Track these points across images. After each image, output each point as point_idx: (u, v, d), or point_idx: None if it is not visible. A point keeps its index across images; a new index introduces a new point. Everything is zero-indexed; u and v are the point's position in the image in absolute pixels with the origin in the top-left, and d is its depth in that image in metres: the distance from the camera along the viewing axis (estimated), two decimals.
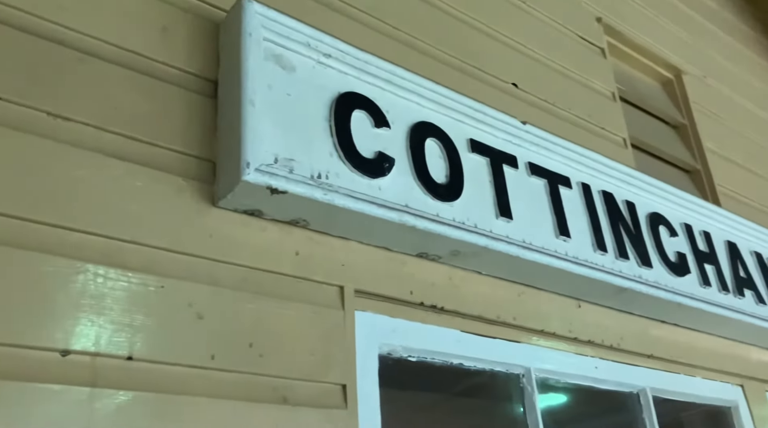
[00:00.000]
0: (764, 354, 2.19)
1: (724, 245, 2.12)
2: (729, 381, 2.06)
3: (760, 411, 2.08)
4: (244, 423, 1.02)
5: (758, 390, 2.12)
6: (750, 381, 2.11)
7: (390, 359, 1.33)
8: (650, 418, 1.78)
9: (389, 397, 3.69)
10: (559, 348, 1.64)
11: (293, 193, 1.14)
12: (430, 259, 1.43)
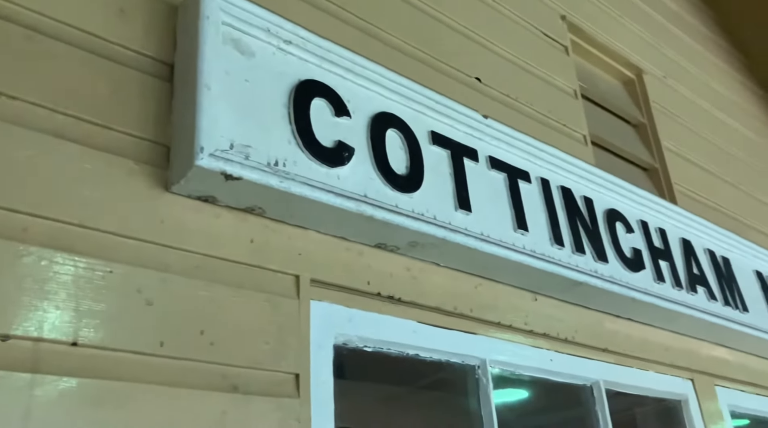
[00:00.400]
0: (714, 349, 2.25)
1: (679, 242, 2.17)
2: (680, 375, 2.10)
3: (708, 404, 2.14)
4: (192, 411, 1.00)
5: (707, 385, 2.18)
6: (700, 376, 2.16)
7: (345, 349, 1.33)
8: (603, 411, 1.81)
9: (346, 389, 3.68)
10: (514, 340, 1.66)
11: (248, 179, 1.13)
12: (388, 250, 1.43)
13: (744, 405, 2.30)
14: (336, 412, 1.23)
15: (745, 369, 2.34)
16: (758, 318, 2.33)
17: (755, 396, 2.36)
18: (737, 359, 2.33)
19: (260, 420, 1.07)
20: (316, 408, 1.18)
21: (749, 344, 2.32)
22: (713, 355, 2.23)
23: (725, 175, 2.92)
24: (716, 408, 2.17)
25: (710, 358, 2.21)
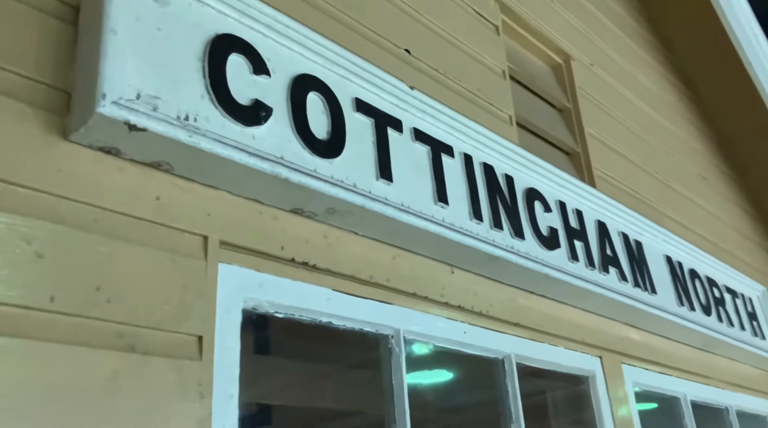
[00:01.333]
0: (622, 328, 2.34)
1: (595, 224, 2.23)
2: (589, 352, 2.18)
3: (614, 381, 2.22)
4: (83, 370, 0.96)
5: (615, 362, 2.27)
6: (608, 353, 2.24)
7: (255, 314, 1.30)
8: (513, 384, 1.85)
9: (272, 366, 3.65)
10: (430, 311, 1.67)
11: (154, 131, 1.07)
12: (305, 216, 1.40)
13: (648, 383, 2.41)
14: (243, 378, 1.20)
15: (650, 348, 2.44)
16: (665, 300, 2.43)
17: (658, 375, 2.48)
18: (644, 339, 2.43)
19: (157, 381, 1.03)
20: (220, 372, 1.14)
21: (655, 325, 2.42)
22: (621, 334, 2.32)
23: (643, 163, 3.03)
24: (622, 385, 2.27)
25: (618, 337, 2.30)
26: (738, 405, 2.89)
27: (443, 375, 4.36)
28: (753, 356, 2.92)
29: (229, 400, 1.15)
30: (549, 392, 2.46)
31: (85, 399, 0.95)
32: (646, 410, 2.79)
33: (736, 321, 2.86)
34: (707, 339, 2.61)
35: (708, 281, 2.81)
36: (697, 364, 2.66)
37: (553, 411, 2.42)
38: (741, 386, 2.93)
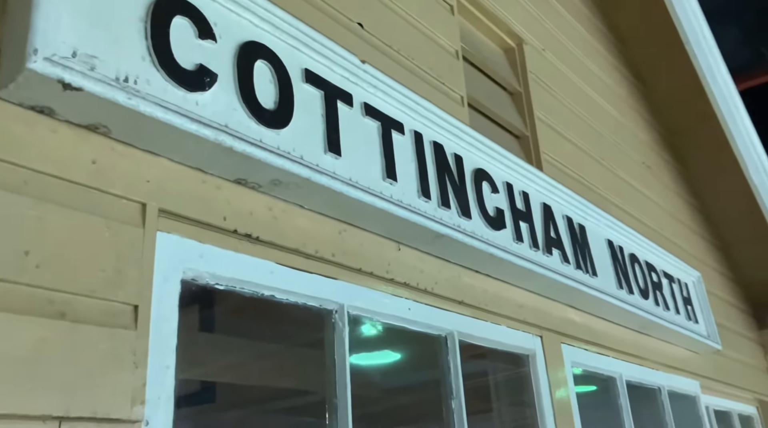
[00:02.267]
0: (563, 309, 2.39)
1: (540, 206, 2.27)
2: (530, 331, 2.22)
3: (554, 359, 2.28)
4: (8, 336, 0.92)
5: (554, 341, 2.32)
6: (548, 333, 2.29)
7: (194, 285, 1.27)
8: (455, 361, 1.87)
9: (219, 344, 3.58)
10: (375, 287, 1.66)
11: (91, 91, 1.03)
12: (249, 187, 1.38)
13: (586, 363, 2.48)
14: (182, 350, 1.18)
15: (589, 329, 2.51)
16: (606, 282, 2.50)
17: (596, 355, 2.55)
18: (583, 320, 2.49)
19: (88, 349, 1.00)
20: (156, 342, 1.12)
21: (595, 306, 2.48)
22: (562, 315, 2.38)
23: (590, 150, 3.09)
24: (561, 364, 2.32)
25: (559, 317, 2.35)
26: (670, 385, 3.01)
27: (389, 356, 4.40)
28: (686, 339, 3.03)
29: (165, 371, 1.13)
30: (491, 374, 2.51)
31: (10, 366, 0.91)
32: (585, 392, 2.89)
33: (671, 305, 2.97)
34: (644, 321, 2.70)
35: (647, 266, 2.90)
36: (633, 346, 2.75)
37: (494, 391, 2.47)
38: (673, 367, 3.04)
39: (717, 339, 3.26)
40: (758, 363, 4.23)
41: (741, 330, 4.16)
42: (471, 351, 2.02)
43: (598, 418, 2.75)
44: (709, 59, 3.97)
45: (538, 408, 2.17)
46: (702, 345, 3.18)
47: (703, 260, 4.01)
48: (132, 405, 1.03)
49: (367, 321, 1.67)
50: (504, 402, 2.45)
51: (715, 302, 3.74)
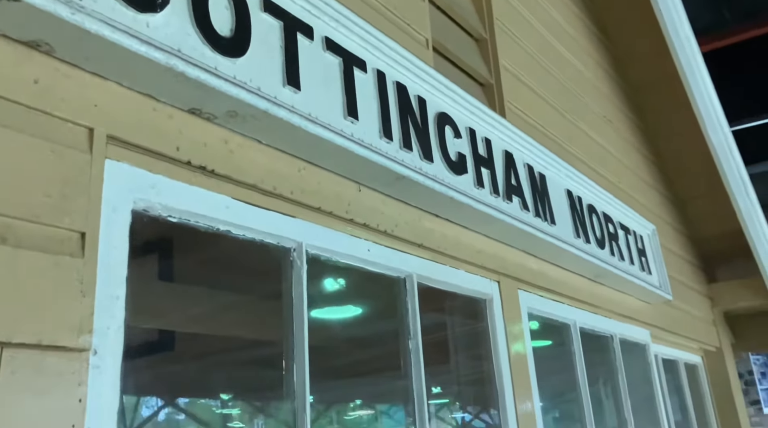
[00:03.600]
0: (521, 256, 2.42)
1: (502, 154, 2.27)
2: (488, 276, 2.25)
3: (510, 304, 2.31)
4: None
5: (511, 287, 2.35)
6: (506, 279, 2.32)
7: (146, 216, 1.23)
8: (413, 303, 1.88)
9: (180, 294, 3.51)
10: (334, 227, 1.65)
11: (31, 3, 0.96)
12: (203, 118, 1.33)
13: (541, 309, 2.53)
14: (127, 277, 1.15)
15: (545, 276, 2.55)
16: (563, 231, 2.53)
17: (551, 302, 2.60)
18: (540, 267, 2.53)
19: (32, 275, 0.96)
20: (105, 272, 1.08)
21: (552, 254, 2.52)
22: (519, 262, 2.40)
23: (553, 101, 3.09)
24: (517, 309, 2.36)
25: (516, 264, 2.38)
26: (622, 333, 3.10)
27: (348, 310, 4.44)
28: (639, 288, 3.12)
29: (114, 301, 1.10)
30: (449, 327, 2.55)
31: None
32: (542, 347, 2.96)
33: (626, 256, 3.03)
34: (599, 270, 2.76)
35: (604, 217, 2.95)
36: (587, 294, 2.82)
37: (452, 341, 2.51)
38: (626, 316, 3.13)
39: (668, 290, 3.36)
40: (705, 316, 4.40)
41: (691, 283, 4.30)
42: (429, 306, 2.03)
43: (552, 368, 2.83)
44: (674, 17, 3.98)
45: (494, 353, 2.21)
46: (654, 296, 3.27)
47: (658, 214, 4.10)
48: (79, 334, 1.00)
49: (325, 260, 1.65)
50: (461, 352, 2.49)
51: (668, 255, 3.85)
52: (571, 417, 2.91)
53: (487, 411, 2.45)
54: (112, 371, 1.07)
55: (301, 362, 1.48)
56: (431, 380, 1.88)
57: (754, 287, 4.30)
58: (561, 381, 2.87)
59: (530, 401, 2.27)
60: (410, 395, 1.82)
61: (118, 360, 1.09)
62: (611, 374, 3.02)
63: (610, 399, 3.11)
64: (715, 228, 4.57)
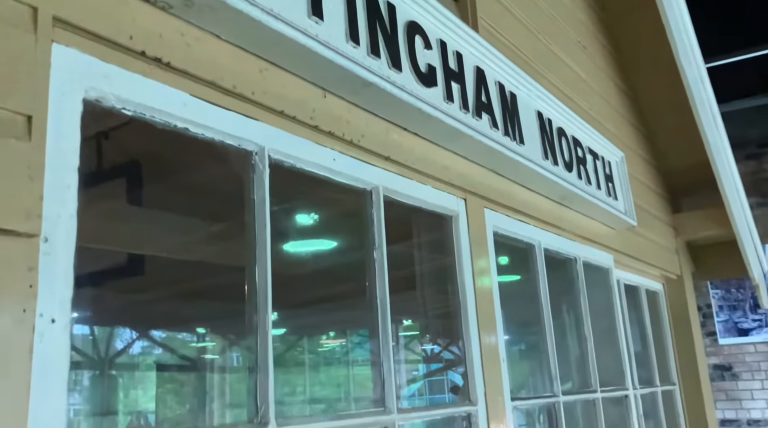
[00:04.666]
0: (488, 175, 2.42)
1: (473, 69, 2.23)
2: (455, 193, 2.25)
3: (476, 223, 2.32)
4: None
5: (478, 205, 2.36)
6: (472, 197, 2.33)
7: (99, 107, 1.19)
8: (378, 215, 1.87)
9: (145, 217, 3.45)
10: (298, 133, 1.61)
11: None
12: (158, 7, 1.27)
13: (507, 228, 2.55)
14: (79, 167, 1.11)
15: (512, 197, 2.56)
16: (532, 152, 2.53)
17: (517, 222, 2.62)
18: (507, 187, 2.54)
19: None
20: (54, 158, 1.05)
21: (520, 174, 2.52)
22: (487, 180, 2.40)
23: (528, 22, 3.03)
24: (483, 228, 2.38)
25: (484, 183, 2.38)
26: (585, 256, 3.16)
27: (326, 244, 4.46)
28: (604, 213, 3.16)
29: (66, 189, 1.07)
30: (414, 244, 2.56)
31: None
32: (509, 282, 3.01)
33: (593, 180, 3.06)
34: (565, 192, 2.78)
35: (573, 141, 2.95)
36: (553, 216, 2.85)
37: (417, 260, 2.52)
38: (590, 240, 3.19)
39: (633, 216, 3.42)
40: (668, 244, 4.50)
41: (656, 212, 4.37)
42: (395, 229, 2.02)
43: (519, 304, 2.89)
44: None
45: (459, 269, 2.23)
46: (619, 221, 3.32)
47: (628, 144, 4.13)
48: (27, 218, 0.98)
49: (289, 167, 1.62)
50: (426, 275, 2.51)
51: (635, 184, 3.89)
52: (536, 347, 3.01)
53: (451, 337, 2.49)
54: (65, 259, 1.05)
55: (264, 269, 1.46)
56: (396, 308, 1.88)
57: (717, 217, 4.40)
58: (527, 314, 2.94)
59: (490, 290, 2.30)
60: (374, 304, 1.84)
61: (71, 249, 1.06)
62: (573, 296, 3.10)
63: (574, 330, 3.19)
64: (682, 161, 4.62)
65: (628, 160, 3.65)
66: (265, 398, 1.38)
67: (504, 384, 2.26)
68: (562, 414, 2.69)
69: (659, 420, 4.14)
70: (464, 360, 2.14)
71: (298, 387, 11.36)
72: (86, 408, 10.92)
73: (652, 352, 4.16)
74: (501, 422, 2.16)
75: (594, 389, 3.00)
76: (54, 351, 1.01)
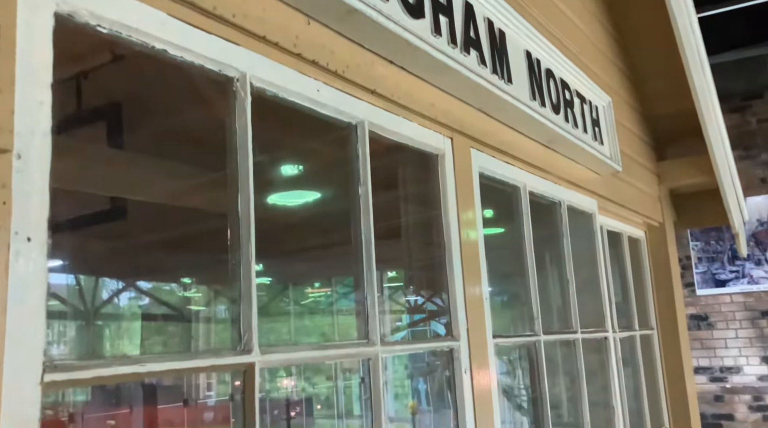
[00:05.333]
0: (475, 114, 2.38)
1: (462, 3, 2.17)
2: (441, 131, 2.22)
3: (461, 161, 2.30)
4: None
5: (464, 145, 2.34)
6: (459, 136, 2.30)
7: (72, 22, 1.13)
8: (363, 149, 1.85)
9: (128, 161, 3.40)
10: (281, 61, 1.57)
11: None
12: None
13: (493, 169, 2.53)
14: (53, 85, 1.07)
15: (498, 137, 2.54)
16: (519, 91, 2.50)
17: (503, 163, 2.61)
18: (494, 128, 2.51)
19: None
20: (25, 73, 1.00)
21: (507, 113, 2.49)
22: (473, 120, 2.37)
23: None
24: (468, 168, 2.36)
25: (470, 122, 2.35)
26: (570, 200, 3.17)
27: (310, 195, 4.45)
28: (590, 157, 3.15)
29: (38, 106, 1.03)
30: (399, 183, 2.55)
31: None
32: (494, 234, 3.01)
33: (580, 124, 3.04)
34: (552, 134, 2.76)
35: (561, 83, 2.92)
36: (539, 159, 2.83)
37: (402, 194, 2.51)
38: (575, 184, 3.19)
39: (618, 161, 3.42)
40: (652, 192, 4.53)
41: (641, 159, 4.38)
42: (379, 152, 2.00)
43: (503, 256, 2.90)
44: None
45: (443, 208, 2.22)
46: (604, 165, 3.32)
47: (615, 90, 4.09)
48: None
49: (272, 96, 1.58)
50: (409, 196, 2.50)
51: (621, 130, 3.88)
52: (518, 297, 3.04)
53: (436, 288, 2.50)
54: (39, 179, 1.02)
55: (246, 196, 1.44)
56: (380, 253, 1.87)
57: (700, 165, 4.42)
58: (510, 265, 2.95)
59: (475, 230, 2.30)
60: (358, 240, 1.83)
61: (45, 169, 1.03)
62: (557, 240, 3.11)
63: (557, 275, 3.21)
64: (669, 108, 4.60)
65: (615, 106, 3.63)
66: (249, 326, 1.38)
67: (486, 321, 2.28)
68: (543, 354, 2.73)
69: (637, 363, 4.24)
70: (447, 297, 2.15)
71: (283, 336, 11.48)
72: (72, 357, 10.96)
73: (632, 298, 4.23)
74: (482, 357, 2.19)
75: (575, 330, 3.05)
76: (31, 270, 0.99)
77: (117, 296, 10.91)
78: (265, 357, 1.40)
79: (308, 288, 12.46)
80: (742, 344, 8.10)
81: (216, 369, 1.55)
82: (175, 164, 3.85)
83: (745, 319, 8.13)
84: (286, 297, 11.89)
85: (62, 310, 10.00)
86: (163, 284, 12.35)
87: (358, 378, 12.53)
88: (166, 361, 1.22)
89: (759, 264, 8.26)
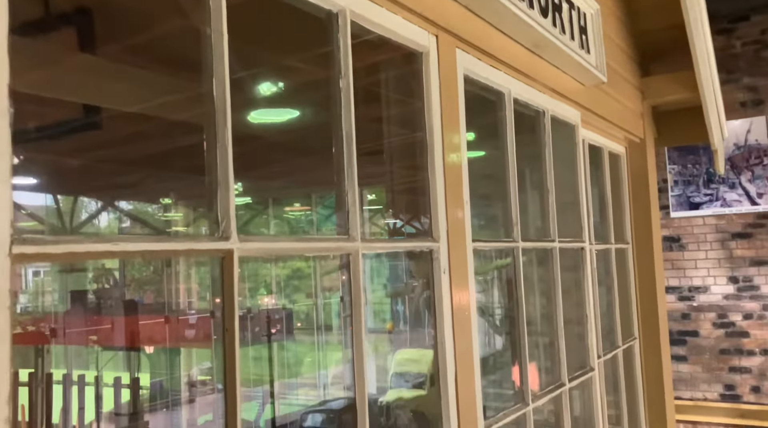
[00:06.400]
0: (461, 12, 2.30)
1: None
2: (426, 28, 2.14)
3: (446, 60, 2.24)
4: None
5: (449, 44, 2.26)
6: (444, 34, 2.22)
7: None
8: (345, 39, 1.77)
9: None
10: None
11: None
12: None
13: (478, 72, 2.47)
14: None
15: (484, 39, 2.46)
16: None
17: (488, 67, 2.54)
18: (480, 28, 2.43)
19: None
20: None
21: (493, 13, 2.40)
22: (460, 19, 2.29)
23: None
24: (453, 68, 2.29)
25: (457, 21, 2.27)
26: (553, 110, 3.13)
27: (290, 113, 4.37)
28: (576, 65, 3.09)
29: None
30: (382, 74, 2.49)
31: None
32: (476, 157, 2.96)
33: (567, 30, 2.96)
34: (539, 38, 2.68)
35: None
36: (524, 64, 2.77)
37: (384, 94, 2.45)
38: (559, 93, 3.14)
39: (603, 71, 3.36)
40: (635, 107, 4.50)
41: (625, 74, 4.32)
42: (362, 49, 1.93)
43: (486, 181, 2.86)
44: None
45: (427, 107, 2.17)
46: (589, 75, 3.27)
47: (604, 2, 3.98)
48: None
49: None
50: (392, 99, 2.45)
51: (608, 43, 3.80)
52: (496, 219, 3.04)
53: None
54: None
55: (221, 79, 1.38)
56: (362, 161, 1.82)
57: (684, 80, 4.38)
58: (492, 187, 2.93)
59: (458, 133, 2.27)
60: (339, 135, 1.78)
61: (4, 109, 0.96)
62: (539, 149, 3.09)
63: (537, 185, 3.21)
64: (656, 23, 4.51)
65: (603, 17, 3.53)
66: (227, 212, 1.35)
67: (466, 225, 2.28)
68: (521, 262, 2.76)
69: (611, 278, 4.34)
70: (428, 198, 2.13)
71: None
72: (53, 268, 10.97)
73: (610, 213, 4.28)
74: (461, 258, 2.21)
75: (553, 239, 3.09)
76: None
77: (96, 217, 10.81)
78: (244, 245, 1.38)
79: (287, 207, 12.46)
80: (711, 264, 8.32)
81: (193, 254, 1.54)
82: (149, 72, 3.71)
83: (715, 241, 8.31)
84: (265, 215, 11.90)
85: (40, 230, 9.91)
86: (143, 204, 12.24)
87: (338, 297, 12.75)
88: (141, 242, 1.19)
89: (733, 188, 8.37)
